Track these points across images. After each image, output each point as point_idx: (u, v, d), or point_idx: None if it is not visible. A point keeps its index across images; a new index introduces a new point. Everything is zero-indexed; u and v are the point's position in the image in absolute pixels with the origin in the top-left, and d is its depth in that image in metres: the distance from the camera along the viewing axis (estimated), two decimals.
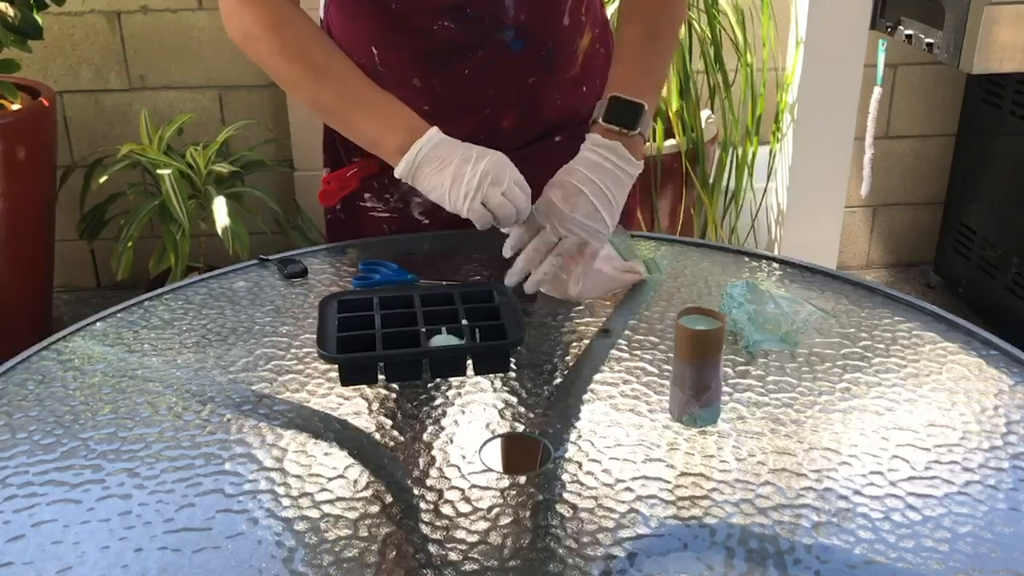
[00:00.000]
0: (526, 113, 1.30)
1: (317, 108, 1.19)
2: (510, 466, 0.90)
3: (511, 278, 1.11)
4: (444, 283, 1.20)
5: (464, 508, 0.83)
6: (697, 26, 2.62)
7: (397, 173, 1.11)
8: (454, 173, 1.07)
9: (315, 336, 1.00)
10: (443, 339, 0.99)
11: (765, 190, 2.87)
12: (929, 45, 2.40)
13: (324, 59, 1.17)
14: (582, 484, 0.86)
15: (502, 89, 1.26)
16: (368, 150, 1.17)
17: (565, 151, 1.17)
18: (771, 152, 2.84)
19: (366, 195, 1.36)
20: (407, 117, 1.13)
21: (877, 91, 2.62)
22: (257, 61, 1.18)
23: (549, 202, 1.11)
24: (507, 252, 1.13)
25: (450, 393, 1.00)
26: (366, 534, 0.80)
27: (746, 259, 1.28)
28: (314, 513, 0.83)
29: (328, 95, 1.17)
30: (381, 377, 0.99)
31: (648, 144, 2.55)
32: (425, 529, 0.81)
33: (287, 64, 1.16)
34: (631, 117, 1.15)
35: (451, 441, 0.92)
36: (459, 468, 0.88)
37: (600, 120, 1.15)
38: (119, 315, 1.16)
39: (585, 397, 0.99)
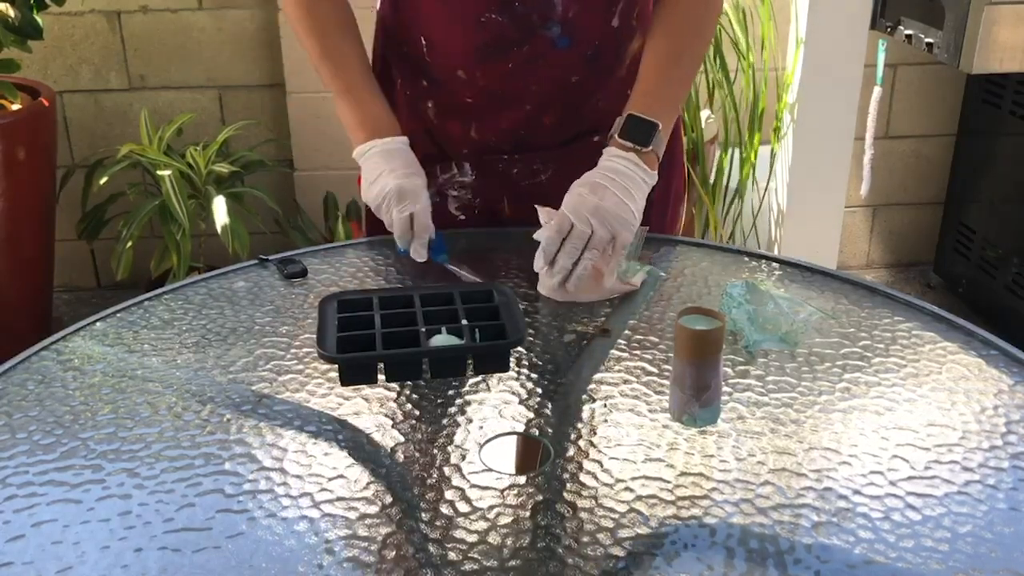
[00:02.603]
0: (567, 111, 1.32)
1: (328, 88, 1.32)
2: (510, 466, 0.90)
3: (556, 276, 1.13)
4: (465, 272, 1.22)
5: (464, 508, 0.83)
6: None
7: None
8: (373, 183, 1.23)
9: (315, 336, 1.00)
10: (443, 339, 0.99)
11: (765, 190, 2.87)
12: (929, 45, 2.40)
13: (336, 43, 1.30)
14: (582, 484, 0.86)
15: (545, 85, 1.28)
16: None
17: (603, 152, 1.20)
18: (771, 152, 2.84)
19: None
20: (377, 117, 1.27)
21: (877, 91, 2.62)
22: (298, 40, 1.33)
23: (579, 197, 1.13)
24: (539, 264, 1.15)
25: (450, 393, 1.00)
26: (366, 534, 0.80)
27: (746, 259, 1.28)
28: (314, 513, 0.83)
29: (329, 76, 1.30)
30: (381, 377, 0.99)
31: None
32: (425, 529, 0.81)
33: (308, 43, 1.31)
34: (646, 135, 1.18)
35: (451, 441, 0.92)
36: (459, 468, 0.88)
37: (616, 136, 1.19)
38: (119, 315, 1.16)
39: (585, 397, 0.99)
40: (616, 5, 1.26)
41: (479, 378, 1.02)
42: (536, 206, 1.16)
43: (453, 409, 0.97)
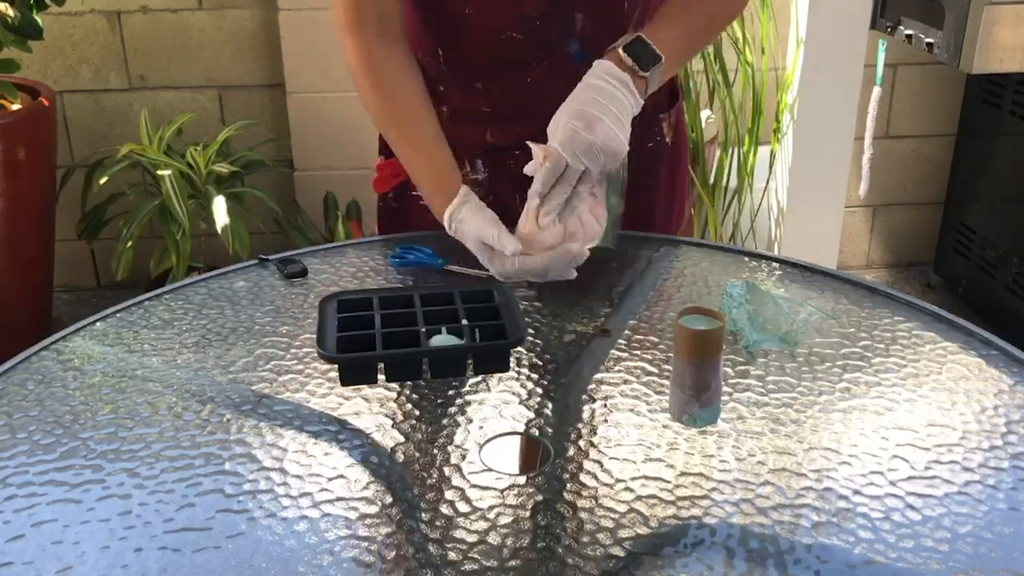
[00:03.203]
0: None
1: (391, 144, 1.29)
2: (510, 466, 0.90)
3: (545, 217, 1.09)
4: (473, 272, 1.21)
5: (464, 508, 0.83)
6: None
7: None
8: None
9: (315, 336, 1.00)
10: (443, 339, 0.99)
11: (765, 190, 2.87)
12: (929, 45, 2.40)
13: (405, 101, 1.25)
14: (582, 484, 0.86)
15: (560, 97, 1.27)
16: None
17: None
18: (771, 152, 2.84)
19: None
20: (447, 182, 1.21)
21: (877, 91, 2.62)
22: (357, 92, 1.28)
23: (572, 131, 1.08)
24: (533, 202, 1.10)
25: (450, 393, 1.00)
26: (366, 534, 0.80)
27: (746, 259, 1.28)
28: (314, 513, 0.83)
29: (396, 134, 1.27)
30: (381, 377, 0.99)
31: None
32: (425, 529, 0.81)
33: (372, 100, 1.26)
34: (647, 60, 1.13)
35: (451, 441, 0.92)
36: (459, 468, 0.88)
37: (619, 49, 1.14)
38: (119, 315, 1.16)
39: (585, 397, 0.99)
40: (630, 20, 1.26)
41: (479, 378, 1.02)
42: (529, 143, 1.11)
43: (453, 409, 0.97)
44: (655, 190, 1.40)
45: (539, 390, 1.00)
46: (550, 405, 0.98)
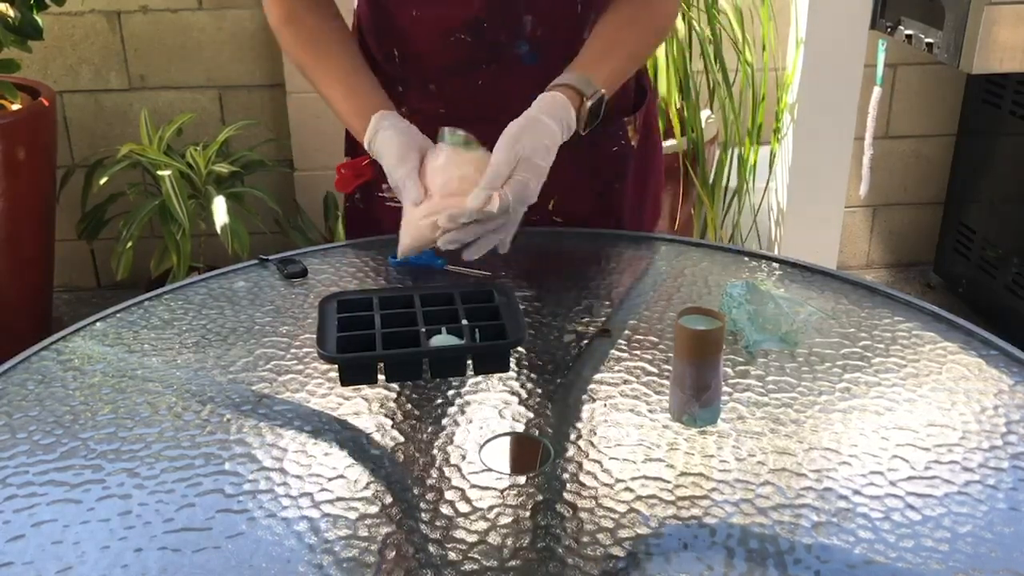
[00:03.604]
0: None
1: (319, 94, 1.27)
2: (510, 466, 0.90)
3: (449, 236, 1.07)
4: (468, 271, 1.21)
5: (464, 508, 0.83)
6: (697, 25, 2.62)
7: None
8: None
9: (315, 336, 1.00)
10: (443, 339, 0.99)
11: (765, 190, 2.87)
12: (929, 45, 2.40)
13: (325, 49, 1.26)
14: (582, 484, 0.86)
15: (513, 98, 1.26)
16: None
17: (572, 158, 1.17)
18: (771, 152, 2.84)
19: (384, 186, 1.37)
20: (365, 105, 1.19)
21: (877, 91, 2.62)
22: (283, 50, 1.32)
23: (523, 187, 1.07)
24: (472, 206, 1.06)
25: (450, 393, 1.00)
26: (366, 534, 0.80)
27: (746, 259, 1.28)
28: (314, 513, 0.83)
29: (320, 79, 1.26)
30: (381, 377, 0.99)
31: None
32: (425, 529, 0.81)
33: (293, 48, 1.29)
34: (596, 110, 1.16)
35: (451, 441, 0.92)
36: (459, 468, 0.88)
37: (588, 105, 1.14)
38: (119, 315, 1.16)
39: (585, 397, 0.99)
40: (585, 23, 1.26)
41: (479, 378, 1.02)
42: (483, 191, 1.06)
43: (453, 409, 0.97)
44: (621, 192, 1.40)
45: (539, 390, 1.00)
46: (550, 405, 0.98)
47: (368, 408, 0.98)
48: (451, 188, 1.09)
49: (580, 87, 1.15)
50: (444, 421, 0.96)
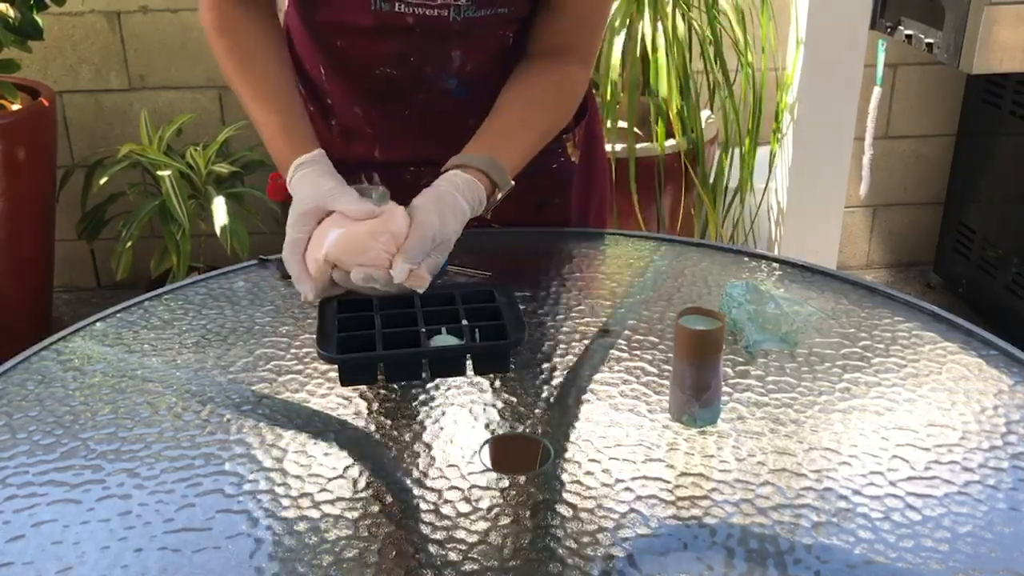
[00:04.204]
0: (466, 145, 1.23)
1: (246, 111, 1.23)
2: (510, 466, 0.90)
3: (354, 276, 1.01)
4: (473, 272, 1.21)
5: (464, 508, 0.83)
6: (697, 25, 2.62)
7: None
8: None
9: (315, 336, 1.00)
10: (443, 339, 0.99)
11: (765, 190, 2.87)
12: (929, 45, 2.40)
13: (262, 69, 1.22)
14: (582, 484, 0.86)
15: (441, 129, 1.25)
16: None
17: None
18: (771, 152, 2.84)
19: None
20: (294, 144, 1.15)
21: (877, 91, 2.62)
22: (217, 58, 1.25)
23: (436, 264, 1.03)
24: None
25: (450, 393, 1.00)
26: (366, 534, 0.80)
27: (746, 259, 1.28)
28: (314, 513, 0.83)
29: (250, 102, 1.22)
30: (381, 377, 0.99)
31: (649, 144, 2.55)
32: (425, 529, 0.81)
33: (226, 60, 1.25)
34: (503, 187, 1.12)
35: (451, 441, 0.92)
36: (459, 468, 0.88)
37: (492, 176, 1.10)
38: (119, 315, 1.16)
39: (585, 397, 0.99)
40: (515, 58, 1.24)
41: (479, 378, 1.02)
42: (412, 287, 1.01)
43: (453, 409, 0.97)
44: (563, 206, 1.40)
45: (539, 390, 1.00)
46: (550, 405, 0.98)
47: (368, 408, 0.98)
48: (358, 243, 1.02)
49: (495, 178, 1.10)
50: (444, 421, 0.96)
